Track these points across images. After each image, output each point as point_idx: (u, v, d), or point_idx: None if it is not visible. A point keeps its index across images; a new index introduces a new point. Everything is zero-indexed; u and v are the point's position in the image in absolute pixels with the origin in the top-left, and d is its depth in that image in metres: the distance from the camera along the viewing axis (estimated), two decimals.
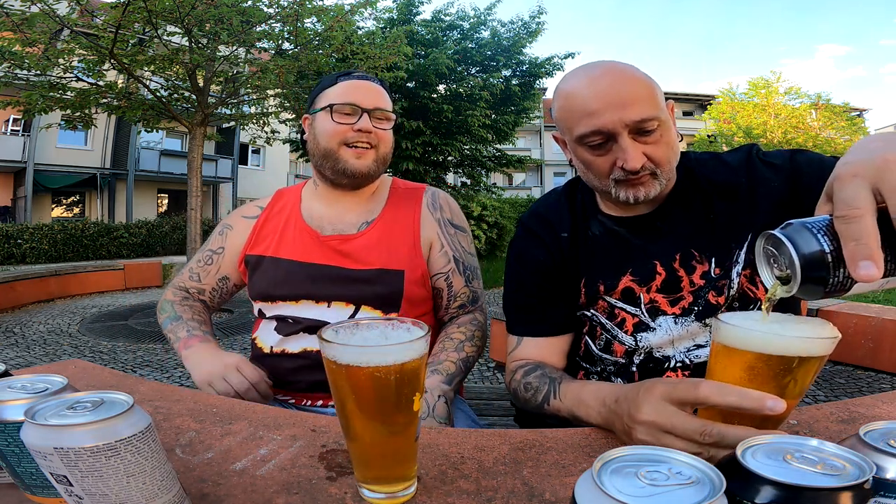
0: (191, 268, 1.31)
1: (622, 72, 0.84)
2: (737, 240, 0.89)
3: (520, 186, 29.13)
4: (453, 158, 12.87)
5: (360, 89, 1.16)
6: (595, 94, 0.83)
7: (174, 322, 1.19)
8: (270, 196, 1.33)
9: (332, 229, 1.19)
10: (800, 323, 0.54)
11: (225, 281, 1.28)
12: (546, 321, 0.99)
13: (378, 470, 0.54)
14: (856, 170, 0.43)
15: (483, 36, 12.71)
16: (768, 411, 0.49)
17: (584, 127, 0.84)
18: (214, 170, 20.19)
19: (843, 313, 3.45)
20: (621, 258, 0.94)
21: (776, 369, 0.52)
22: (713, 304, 0.90)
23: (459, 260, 1.21)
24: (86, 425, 0.41)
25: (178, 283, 1.31)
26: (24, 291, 6.47)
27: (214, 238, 1.30)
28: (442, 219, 1.23)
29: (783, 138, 20.02)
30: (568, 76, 0.90)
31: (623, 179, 0.86)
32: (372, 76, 1.23)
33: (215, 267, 1.27)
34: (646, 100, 0.82)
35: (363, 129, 1.14)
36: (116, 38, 6.47)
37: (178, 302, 1.24)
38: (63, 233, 12.94)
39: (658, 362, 0.92)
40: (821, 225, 0.45)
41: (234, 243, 1.26)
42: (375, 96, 1.17)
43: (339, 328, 0.54)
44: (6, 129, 16.70)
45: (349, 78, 1.19)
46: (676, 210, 0.93)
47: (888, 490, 0.37)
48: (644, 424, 0.59)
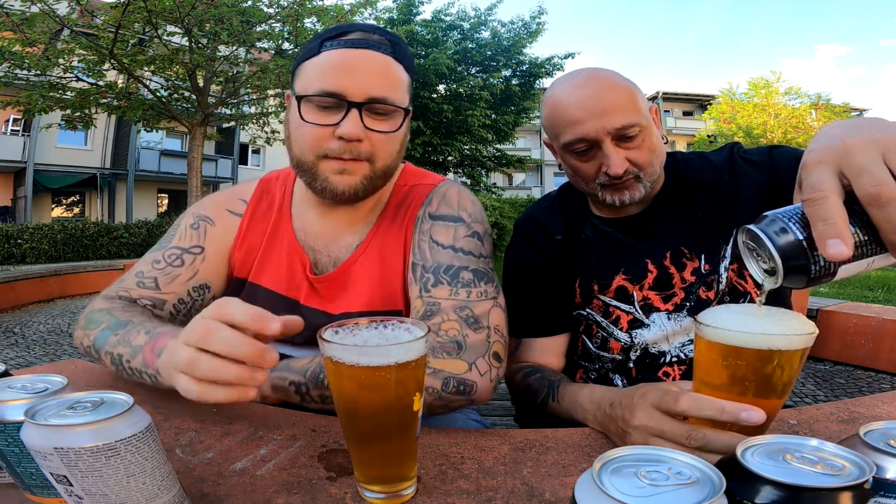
0: (140, 272, 0.90)
1: (604, 80, 0.89)
2: (723, 236, 0.93)
3: (520, 186, 29.14)
4: (453, 158, 12.89)
5: (350, 66, 0.79)
6: (577, 103, 0.87)
7: (120, 330, 0.76)
8: (254, 185, 1.01)
9: (326, 254, 0.93)
10: (777, 319, 0.54)
11: (202, 290, 0.93)
12: (544, 322, 1.01)
13: (378, 470, 0.54)
14: (820, 157, 0.45)
15: (483, 36, 12.72)
16: (744, 422, 0.50)
17: (568, 135, 0.89)
18: (214, 170, 20.20)
19: (843, 313, 3.45)
20: (613, 258, 0.97)
21: (752, 365, 0.52)
22: (704, 299, 0.93)
23: (417, 263, 0.85)
24: (86, 425, 0.41)
25: (114, 293, 0.88)
26: (24, 291, 6.47)
27: (185, 232, 0.93)
28: (423, 214, 0.90)
29: (783, 138, 20.04)
30: (554, 84, 0.95)
31: (608, 184, 0.90)
32: (380, 37, 0.83)
33: (188, 271, 0.90)
34: (627, 107, 0.86)
35: (348, 137, 0.78)
36: (116, 38, 6.47)
37: (119, 308, 0.82)
38: (63, 233, 12.94)
39: (654, 358, 0.95)
40: (792, 214, 0.46)
41: (218, 243, 0.94)
42: (374, 78, 0.80)
43: (339, 328, 0.54)
44: (6, 129, 16.71)
45: (338, 43, 0.81)
46: (665, 210, 0.96)
47: (888, 490, 0.37)
48: (637, 429, 0.61)
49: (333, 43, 0.81)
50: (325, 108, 0.80)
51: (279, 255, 0.93)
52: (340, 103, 0.79)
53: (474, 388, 0.71)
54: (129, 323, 0.76)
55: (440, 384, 0.70)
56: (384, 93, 0.80)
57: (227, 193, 1.01)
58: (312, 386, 0.71)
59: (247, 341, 0.51)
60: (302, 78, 0.83)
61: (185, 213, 0.99)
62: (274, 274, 0.93)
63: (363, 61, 0.80)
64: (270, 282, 0.93)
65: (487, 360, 0.73)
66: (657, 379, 0.95)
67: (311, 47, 0.84)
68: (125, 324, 0.76)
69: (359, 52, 0.80)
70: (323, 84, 0.79)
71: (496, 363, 0.74)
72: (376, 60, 0.81)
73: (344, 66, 0.79)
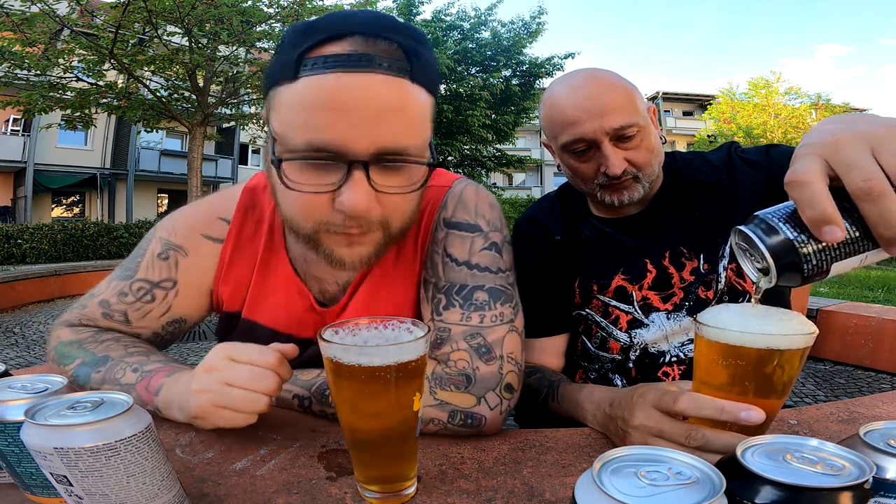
0: (105, 301, 0.81)
1: (602, 80, 0.89)
2: (722, 235, 0.93)
3: (520, 186, 29.13)
4: (453, 158, 12.89)
5: (346, 105, 0.56)
6: (576, 104, 0.88)
7: (101, 367, 0.72)
8: (236, 196, 0.84)
9: (334, 282, 0.80)
10: (777, 318, 0.54)
11: (179, 323, 0.84)
12: (544, 322, 1.01)
13: (378, 470, 0.54)
14: (809, 150, 0.45)
15: (483, 36, 12.72)
16: (744, 422, 0.50)
17: (567, 136, 0.89)
18: (214, 170, 20.20)
19: (843, 313, 3.44)
20: (613, 258, 0.97)
21: (752, 365, 0.52)
22: (703, 298, 0.93)
23: (430, 281, 0.76)
24: (86, 425, 0.41)
25: (77, 320, 0.82)
26: (24, 291, 6.47)
27: (152, 263, 0.81)
28: (438, 220, 0.78)
29: (783, 138, 20.05)
30: (552, 85, 0.96)
31: (607, 184, 0.90)
32: (388, 44, 0.57)
33: (160, 306, 0.81)
34: (625, 107, 0.86)
35: (352, 213, 0.59)
36: (116, 38, 6.48)
37: (89, 340, 0.77)
38: (63, 233, 12.93)
39: (653, 357, 0.95)
40: (782, 213, 0.46)
41: (194, 276, 0.82)
42: (383, 119, 0.57)
43: (340, 328, 0.54)
44: (6, 129, 16.72)
45: (325, 62, 0.56)
46: (664, 210, 0.97)
47: (888, 490, 0.37)
48: (637, 429, 0.61)
49: (317, 62, 0.56)
50: (315, 163, 0.58)
51: (275, 291, 0.80)
52: (339, 161, 0.58)
53: (483, 421, 0.66)
54: (108, 359, 0.73)
55: (446, 417, 0.66)
56: (399, 141, 0.58)
57: (202, 211, 0.84)
58: (316, 401, 0.70)
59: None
60: (279, 114, 0.59)
61: (153, 236, 0.83)
62: (271, 311, 0.81)
63: (365, 94, 0.56)
64: (267, 319, 0.81)
65: (499, 392, 0.68)
66: (657, 379, 0.95)
67: (284, 62, 0.58)
68: (104, 360, 0.73)
69: (358, 77, 0.56)
70: (310, 134, 0.56)
71: (507, 395, 0.69)
72: (384, 90, 0.57)
73: (337, 105, 0.55)
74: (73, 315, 0.83)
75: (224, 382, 0.58)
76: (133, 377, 0.70)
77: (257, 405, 0.58)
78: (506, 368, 0.69)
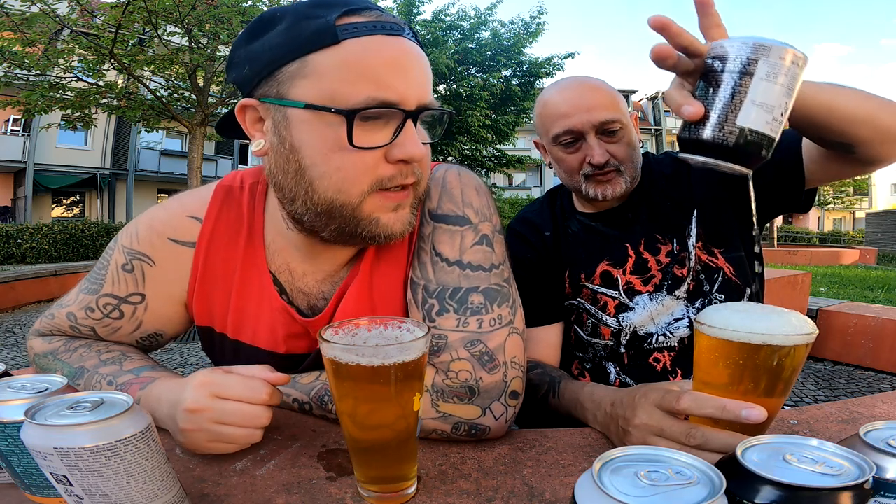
0: (71, 314, 0.77)
1: (590, 83, 1.02)
2: (686, 217, 1.03)
3: (520, 186, 29.11)
4: (453, 158, 12.89)
5: (403, 63, 0.61)
6: (567, 101, 1.01)
7: (79, 381, 0.72)
8: (208, 194, 0.77)
9: (319, 293, 0.75)
10: (777, 318, 0.54)
11: (155, 338, 0.80)
12: (538, 312, 1.07)
13: (378, 470, 0.54)
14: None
15: (483, 36, 12.72)
16: (744, 420, 0.50)
17: (557, 128, 1.00)
18: (214, 170, 20.18)
19: (843, 313, 3.44)
20: (598, 248, 1.07)
21: (752, 364, 0.52)
22: (679, 276, 1.02)
23: (418, 283, 0.71)
24: (86, 425, 0.41)
25: (47, 330, 0.81)
26: (24, 291, 6.47)
27: (117, 275, 0.75)
28: (424, 212, 0.74)
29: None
30: (546, 88, 1.09)
31: (591, 175, 1.01)
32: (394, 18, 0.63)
33: (130, 323, 0.77)
34: (610, 105, 0.99)
35: (413, 159, 0.62)
36: (116, 38, 6.48)
37: (62, 350, 0.75)
38: (63, 233, 12.93)
39: (642, 340, 1.02)
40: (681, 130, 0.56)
41: (164, 288, 0.76)
42: (422, 78, 0.63)
43: (340, 328, 0.54)
44: (6, 129, 16.72)
45: (364, 28, 0.59)
46: (641, 201, 1.08)
47: (888, 490, 0.37)
48: (638, 427, 0.61)
49: (357, 27, 0.59)
50: (365, 123, 0.59)
51: (257, 310, 0.75)
52: (392, 114, 0.60)
53: (487, 431, 0.65)
54: (83, 371, 0.72)
55: (450, 428, 0.65)
56: (429, 96, 0.63)
57: (169, 212, 0.77)
58: (315, 406, 0.69)
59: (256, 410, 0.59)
60: (320, 79, 0.59)
61: (115, 245, 0.77)
62: (257, 333, 0.75)
63: (413, 55, 0.62)
64: (251, 338, 0.76)
65: (504, 402, 0.66)
66: (648, 365, 1.02)
67: (313, 28, 0.58)
68: (80, 372, 0.72)
69: (399, 40, 0.61)
70: (375, 90, 0.58)
71: (513, 402, 0.67)
72: (420, 54, 0.63)
73: (398, 64, 0.60)
74: (42, 325, 0.81)
75: (214, 422, 0.57)
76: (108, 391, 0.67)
77: (252, 438, 0.59)
78: (510, 375, 0.67)
